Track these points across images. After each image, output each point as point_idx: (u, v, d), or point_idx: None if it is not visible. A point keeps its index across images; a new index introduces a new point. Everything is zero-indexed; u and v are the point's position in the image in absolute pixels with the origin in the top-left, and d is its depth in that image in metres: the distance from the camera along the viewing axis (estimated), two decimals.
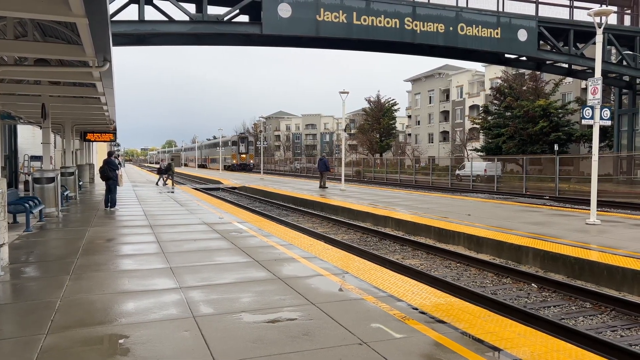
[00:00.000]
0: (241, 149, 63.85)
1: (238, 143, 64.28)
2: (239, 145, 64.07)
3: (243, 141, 64.71)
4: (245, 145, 64.44)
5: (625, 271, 7.58)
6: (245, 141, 64.93)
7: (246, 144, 64.58)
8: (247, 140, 65.38)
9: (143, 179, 39.07)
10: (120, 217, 13.41)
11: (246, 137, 66.13)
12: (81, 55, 7.80)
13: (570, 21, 29.67)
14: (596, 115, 12.08)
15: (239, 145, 64.01)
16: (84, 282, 6.32)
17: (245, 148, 64.23)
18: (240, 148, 63.75)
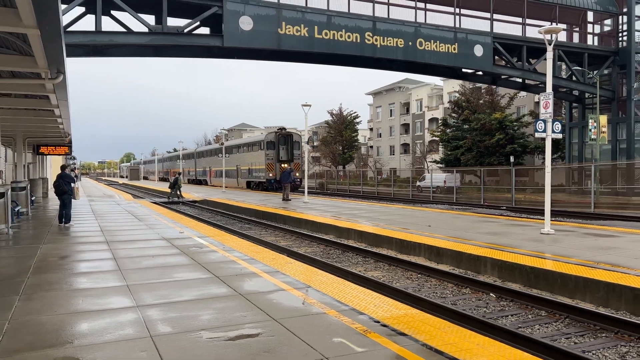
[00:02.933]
0: (281, 153, 36.93)
1: (276, 144, 37.03)
2: (277, 147, 36.93)
3: (286, 141, 37.25)
4: (289, 147, 37.16)
5: (578, 279, 7.85)
6: (289, 141, 37.29)
7: (289, 146, 37.14)
8: (291, 140, 37.31)
9: (100, 193, 37.96)
10: (75, 233, 12.95)
11: (290, 135, 37.62)
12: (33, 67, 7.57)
13: (523, 38, 30.89)
14: (548, 129, 12.55)
15: (277, 148, 36.92)
16: (35, 303, 6.05)
17: (289, 152, 37.16)
18: (281, 152, 36.92)
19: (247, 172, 41.07)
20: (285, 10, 24.93)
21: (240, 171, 43.29)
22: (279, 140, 36.95)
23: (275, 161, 36.70)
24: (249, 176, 40.42)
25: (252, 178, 40.11)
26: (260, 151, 37.74)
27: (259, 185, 38.94)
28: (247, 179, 41.08)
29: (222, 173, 43.99)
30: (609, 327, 6.49)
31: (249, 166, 40.68)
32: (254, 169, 39.50)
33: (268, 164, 36.73)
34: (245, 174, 41.82)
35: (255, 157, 38.69)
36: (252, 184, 40.43)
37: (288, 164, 35.52)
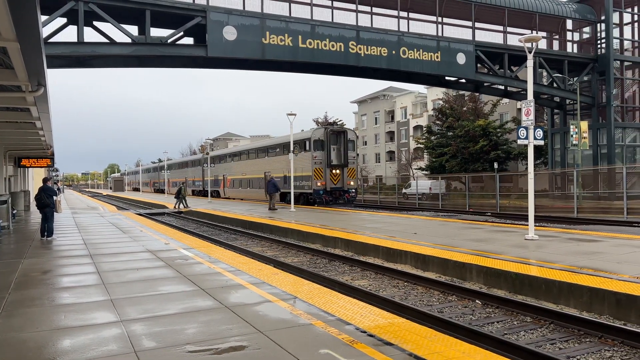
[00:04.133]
0: (333, 156, 28.95)
1: (326, 144, 29.02)
2: (327, 147, 28.92)
3: (337, 140, 29.41)
4: (342, 148, 29.24)
5: (562, 284, 7.93)
6: (341, 140, 29.36)
7: (343, 146, 29.24)
8: (345, 139, 29.41)
9: (83, 205, 37.48)
10: (57, 247, 12.75)
11: (343, 132, 29.91)
12: (13, 80, 7.47)
13: (505, 45, 31.35)
14: (530, 136, 12.72)
15: (327, 149, 28.91)
16: (16, 320, 5.93)
17: (342, 154, 29.18)
18: (332, 155, 28.91)
19: (281, 181, 30.76)
20: (269, 20, 25.01)
21: (268, 179, 31.64)
22: (329, 139, 28.64)
23: (325, 166, 28.45)
24: (287, 185, 29.82)
25: (289, 188, 28.66)
26: (304, 153, 29.30)
27: (300, 198, 30.30)
28: (282, 189, 30.27)
29: (240, 183, 38.47)
30: (593, 331, 6.55)
31: (285, 173, 30.46)
32: (295, 176, 28.74)
33: (316, 169, 28.18)
34: (279, 182, 30.69)
35: (296, 160, 28.35)
36: (289, 196, 28.77)
37: (340, 170, 28.85)
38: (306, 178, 29.42)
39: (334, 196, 28.89)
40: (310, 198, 29.52)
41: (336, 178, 28.97)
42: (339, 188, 29.10)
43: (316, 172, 28.63)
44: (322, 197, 28.50)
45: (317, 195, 28.54)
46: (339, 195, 29.09)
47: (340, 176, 29.03)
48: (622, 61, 35.13)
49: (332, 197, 28.82)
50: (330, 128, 30.03)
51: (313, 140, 29.01)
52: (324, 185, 28.61)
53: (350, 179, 29.21)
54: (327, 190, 28.52)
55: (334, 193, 28.94)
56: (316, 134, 29.23)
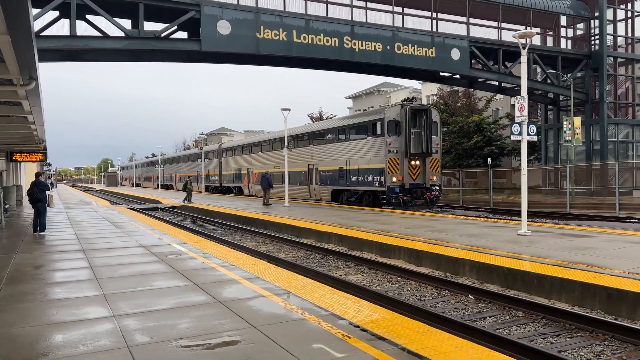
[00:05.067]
0: (413, 142, 22.35)
1: (404, 127, 22.21)
2: (406, 131, 22.15)
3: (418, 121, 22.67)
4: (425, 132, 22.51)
5: (554, 279, 7.99)
6: (423, 121, 22.61)
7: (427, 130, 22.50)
8: (428, 120, 22.60)
9: (76, 200, 37.31)
10: (50, 242, 12.69)
11: (426, 110, 22.82)
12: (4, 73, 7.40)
13: (499, 41, 31.38)
14: (524, 131, 12.76)
15: (406, 132, 22.15)
16: (8, 315, 5.91)
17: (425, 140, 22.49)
18: (412, 140, 22.31)
19: (335, 175, 25.66)
20: (263, 15, 24.90)
21: (316, 174, 27.76)
22: (408, 120, 21.89)
23: (402, 156, 21.93)
24: (342, 181, 24.86)
25: (348, 185, 24.46)
26: (371, 139, 22.89)
27: (364, 197, 24.10)
28: (335, 185, 25.72)
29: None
30: (584, 326, 6.61)
31: (341, 165, 24.95)
32: (355, 169, 23.51)
33: (391, 160, 21.70)
34: (330, 177, 26.18)
35: (360, 148, 23.57)
36: (348, 195, 25.05)
37: (421, 161, 22.39)
38: (375, 171, 22.45)
39: (413, 196, 22.17)
40: (382, 198, 22.59)
41: (415, 172, 22.33)
42: (420, 185, 22.36)
43: (391, 164, 21.80)
44: (398, 196, 21.53)
45: (393, 194, 21.66)
46: (420, 194, 22.32)
47: (421, 169, 22.46)
48: (616, 58, 35.27)
49: (411, 196, 22.10)
50: (409, 105, 22.39)
51: (387, 121, 22.08)
52: (400, 181, 21.87)
53: (433, 173, 22.68)
54: (404, 188, 21.93)
55: (413, 191, 22.24)
56: (391, 113, 22.24)
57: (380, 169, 22.26)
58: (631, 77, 35.98)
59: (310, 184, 28.65)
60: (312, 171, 28.30)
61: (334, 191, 26.29)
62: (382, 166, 22.11)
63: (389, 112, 22.44)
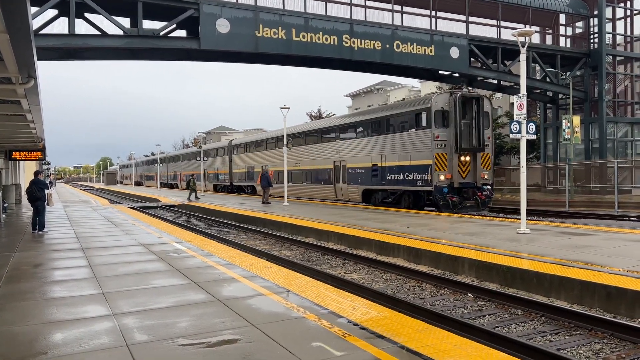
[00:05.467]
0: (463, 134, 19.44)
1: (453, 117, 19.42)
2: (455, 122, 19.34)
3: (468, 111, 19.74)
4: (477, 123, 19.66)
5: (553, 278, 7.99)
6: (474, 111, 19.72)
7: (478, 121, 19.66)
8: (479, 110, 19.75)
9: (76, 199, 37.29)
10: (49, 241, 12.69)
11: (478, 99, 19.91)
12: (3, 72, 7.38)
13: (498, 40, 31.36)
14: (523, 130, 12.76)
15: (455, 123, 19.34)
16: (7, 313, 5.90)
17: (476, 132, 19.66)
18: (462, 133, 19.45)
19: (367, 173, 23.21)
20: (262, 13, 24.86)
21: (343, 172, 25.17)
22: (458, 110, 19.24)
23: (451, 150, 19.27)
24: (376, 180, 22.57)
25: (384, 184, 22.08)
26: (415, 131, 20.31)
27: (403, 198, 21.51)
28: (367, 185, 23.39)
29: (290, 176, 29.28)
30: (583, 324, 6.62)
31: (375, 162, 22.43)
32: (393, 166, 21.08)
33: (438, 156, 19.15)
34: (361, 176, 23.74)
35: (399, 143, 21.13)
36: (383, 195, 22.70)
37: (472, 157, 19.68)
38: (419, 169, 19.86)
39: (463, 196, 19.47)
40: (427, 199, 20.04)
41: (465, 169, 19.60)
42: (470, 184, 19.65)
43: (439, 160, 19.14)
44: (447, 197, 18.79)
45: (440, 194, 18.97)
46: (471, 195, 19.58)
47: (471, 166, 19.67)
48: (615, 56, 35.26)
49: (461, 197, 19.41)
50: (459, 92, 19.83)
51: (434, 111, 19.36)
52: (449, 180, 19.14)
53: (485, 171, 19.97)
54: (453, 188, 19.35)
55: (463, 192, 19.53)
56: (438, 102, 19.53)
57: (425, 165, 19.62)
58: (630, 75, 35.98)
59: (337, 183, 25.90)
60: (339, 169, 25.57)
61: (366, 191, 23.73)
62: (427, 162, 19.47)
63: (436, 101, 19.56)
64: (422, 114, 20.09)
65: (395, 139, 21.60)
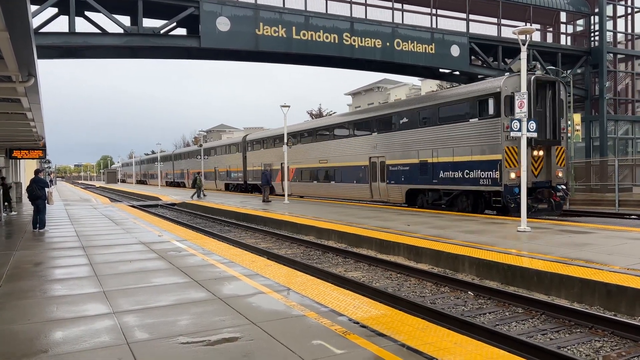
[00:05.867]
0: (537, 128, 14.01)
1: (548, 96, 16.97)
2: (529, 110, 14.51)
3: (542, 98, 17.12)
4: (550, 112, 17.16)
5: (553, 276, 7.99)
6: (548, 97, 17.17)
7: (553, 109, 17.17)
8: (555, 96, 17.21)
9: (76, 197, 37.31)
10: (50, 239, 12.69)
11: (554, 82, 17.26)
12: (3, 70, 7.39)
13: (499, 38, 31.32)
14: (523, 128, 12.75)
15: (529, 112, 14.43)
16: (7, 312, 5.91)
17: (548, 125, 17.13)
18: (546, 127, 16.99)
19: (412, 171, 20.51)
20: (262, 11, 24.83)
21: (382, 169, 22.51)
22: (530, 95, 16.09)
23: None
24: (425, 178, 19.86)
25: (435, 182, 19.37)
26: (478, 121, 17.53)
27: (460, 199, 18.77)
28: (413, 184, 20.62)
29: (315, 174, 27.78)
30: (584, 322, 6.62)
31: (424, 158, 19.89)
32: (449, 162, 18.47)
33: (509, 150, 16.45)
34: (405, 173, 21.01)
35: (457, 134, 18.32)
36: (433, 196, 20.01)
37: (545, 152, 17.12)
38: (485, 165, 17.08)
39: (538, 197, 16.77)
40: (494, 200, 17.21)
41: (538, 165, 17.00)
42: (544, 183, 17.01)
43: (509, 154, 16.46)
44: (518, 199, 14.58)
45: (512, 195, 16.04)
46: (547, 196, 16.86)
47: (544, 162, 17.08)
48: (615, 54, 35.22)
49: (535, 198, 16.64)
50: (533, 75, 16.89)
51: (505, 96, 16.63)
52: (518, 177, 15.74)
53: (560, 168, 17.36)
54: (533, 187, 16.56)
55: (538, 192, 16.80)
56: (509, 85, 16.62)
57: (492, 161, 16.80)
58: (631, 73, 35.94)
59: (373, 182, 23.21)
60: (377, 166, 22.91)
61: (411, 191, 20.88)
62: (495, 158, 16.67)
63: (506, 85, 16.68)
64: (489, 100, 17.24)
65: (451, 131, 18.65)
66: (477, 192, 17.99)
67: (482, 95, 17.58)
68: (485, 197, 17.79)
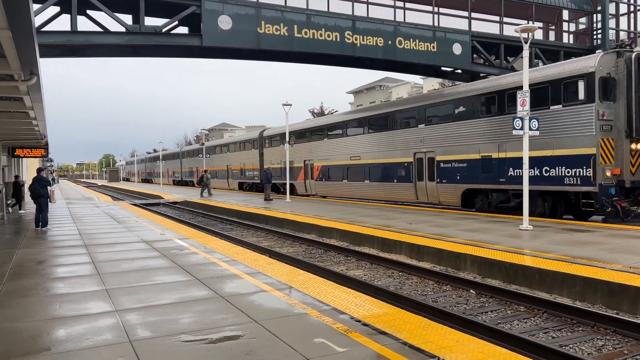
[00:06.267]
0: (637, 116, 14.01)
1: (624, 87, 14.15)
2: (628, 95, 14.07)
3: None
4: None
5: (555, 274, 7.98)
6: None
7: None
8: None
9: (78, 196, 37.37)
10: (52, 237, 12.72)
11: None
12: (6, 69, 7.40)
13: (501, 36, 31.24)
14: (525, 126, 12.72)
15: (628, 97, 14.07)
16: (10, 310, 5.93)
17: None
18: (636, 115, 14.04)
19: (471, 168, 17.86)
20: (264, 10, 24.81)
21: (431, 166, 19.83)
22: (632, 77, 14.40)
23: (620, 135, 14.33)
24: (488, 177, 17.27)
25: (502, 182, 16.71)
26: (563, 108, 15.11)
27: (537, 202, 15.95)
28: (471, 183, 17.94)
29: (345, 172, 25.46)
30: (586, 320, 6.61)
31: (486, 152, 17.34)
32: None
33: (605, 142, 14.29)
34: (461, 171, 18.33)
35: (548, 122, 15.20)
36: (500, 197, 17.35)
37: None
38: (573, 160, 14.68)
39: (638, 199, 14.52)
40: (584, 204, 14.79)
41: (636, 161, 14.47)
42: None
43: (605, 148, 14.19)
44: (614, 202, 13.67)
45: (607, 196, 13.90)
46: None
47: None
48: None
49: (634, 200, 14.46)
50: (635, 53, 14.52)
51: (599, 77, 14.28)
52: (617, 176, 14.08)
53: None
54: (622, 188, 14.30)
55: (637, 193, 14.54)
56: (604, 65, 14.36)
57: (582, 156, 14.34)
58: None
59: (419, 181, 20.43)
60: (424, 162, 20.17)
61: (469, 192, 18.11)
62: (588, 152, 14.20)
63: (601, 64, 14.27)
64: (578, 82, 14.66)
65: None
66: (558, 194, 15.44)
67: (570, 77, 14.99)
68: (571, 199, 15.40)
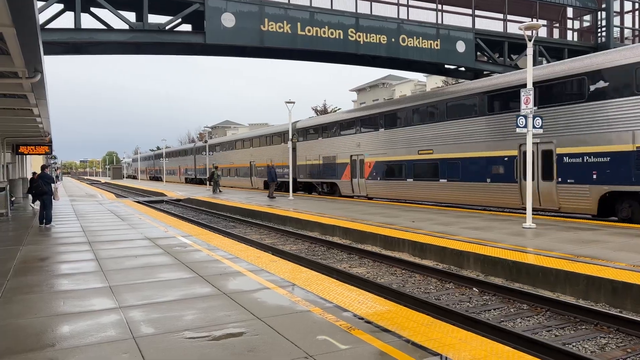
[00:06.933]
0: None
1: None
2: None
3: None
4: None
5: (559, 272, 7.97)
6: None
7: None
8: None
9: (82, 193, 37.47)
10: (56, 234, 12.76)
11: None
12: (10, 66, 7.42)
13: (505, 34, 31.15)
14: (529, 124, 12.68)
15: None
16: (14, 306, 5.95)
17: None
18: None
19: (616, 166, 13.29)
20: (267, 7, 24.79)
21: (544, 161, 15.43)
22: None
23: None
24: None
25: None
26: None
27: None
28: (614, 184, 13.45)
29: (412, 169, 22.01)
30: (589, 319, 6.60)
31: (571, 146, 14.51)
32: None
33: None
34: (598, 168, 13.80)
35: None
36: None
37: None
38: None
39: None
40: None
41: None
42: None
43: None
44: None
45: None
46: None
47: None
48: None
49: None
50: None
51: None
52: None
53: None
54: None
55: None
56: None
57: None
58: None
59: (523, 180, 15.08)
60: (535, 157, 15.29)
61: (610, 195, 13.77)
62: None
63: None
64: None
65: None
66: None
67: None
68: None
